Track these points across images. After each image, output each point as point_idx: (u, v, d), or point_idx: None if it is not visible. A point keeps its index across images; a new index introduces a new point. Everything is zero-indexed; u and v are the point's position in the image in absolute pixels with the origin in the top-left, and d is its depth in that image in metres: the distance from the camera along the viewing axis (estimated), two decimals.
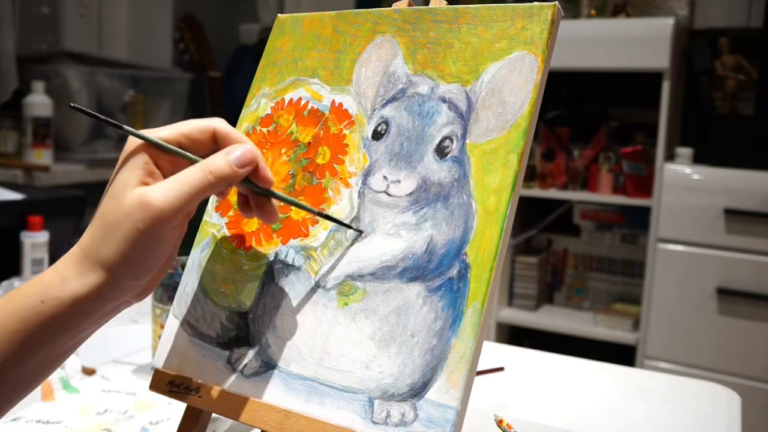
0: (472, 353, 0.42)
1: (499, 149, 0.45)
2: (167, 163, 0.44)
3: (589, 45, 1.90)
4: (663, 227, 1.82)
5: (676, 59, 1.88)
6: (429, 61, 0.50)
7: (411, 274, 0.45)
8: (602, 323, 2.02)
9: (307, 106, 0.54)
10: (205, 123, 0.45)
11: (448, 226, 0.45)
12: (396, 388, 0.43)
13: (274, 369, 0.47)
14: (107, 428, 0.66)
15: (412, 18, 0.51)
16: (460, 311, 0.43)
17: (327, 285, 0.47)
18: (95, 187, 1.68)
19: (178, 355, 0.52)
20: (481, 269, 0.43)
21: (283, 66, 0.56)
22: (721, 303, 1.75)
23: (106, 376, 0.79)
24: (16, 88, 1.84)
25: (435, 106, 0.48)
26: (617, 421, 0.74)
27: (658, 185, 1.84)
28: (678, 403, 0.80)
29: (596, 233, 2.21)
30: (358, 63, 0.52)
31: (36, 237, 1.08)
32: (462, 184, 0.45)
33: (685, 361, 1.80)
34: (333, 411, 0.44)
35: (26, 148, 1.80)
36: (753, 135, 1.81)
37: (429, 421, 0.41)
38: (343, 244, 0.48)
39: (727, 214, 1.73)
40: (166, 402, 0.72)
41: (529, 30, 0.46)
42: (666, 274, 1.82)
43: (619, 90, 2.22)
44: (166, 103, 2.25)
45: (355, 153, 0.50)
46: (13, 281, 0.94)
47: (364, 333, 0.45)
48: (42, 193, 1.36)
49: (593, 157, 2.08)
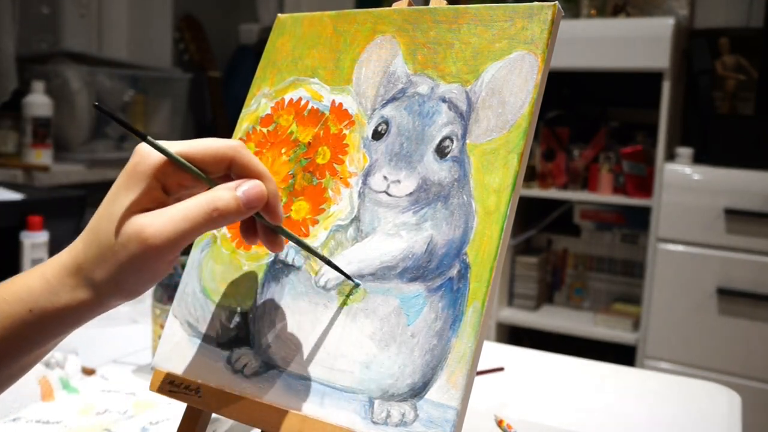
0: (472, 353, 0.41)
1: (499, 149, 0.45)
2: (175, 183, 0.41)
3: (589, 45, 1.90)
4: (663, 227, 1.82)
5: (677, 59, 1.88)
6: (429, 61, 0.49)
7: (411, 275, 0.45)
8: (602, 323, 2.02)
9: (307, 106, 0.54)
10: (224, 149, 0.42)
11: (448, 226, 0.45)
12: (396, 388, 0.43)
13: (274, 369, 0.47)
14: (107, 428, 0.66)
15: (412, 18, 0.51)
16: (460, 311, 0.43)
17: (327, 285, 0.47)
18: (95, 187, 1.67)
19: (178, 355, 0.52)
20: (481, 269, 0.43)
21: (283, 66, 0.56)
22: (721, 303, 1.75)
23: (106, 376, 0.79)
24: (16, 88, 1.84)
25: (435, 106, 0.48)
26: (617, 421, 0.74)
27: (658, 185, 1.84)
28: (678, 403, 0.80)
29: (596, 233, 2.21)
30: (358, 63, 0.52)
31: (36, 237, 1.08)
32: (462, 184, 0.45)
33: (685, 361, 1.80)
34: (333, 411, 0.44)
35: (26, 148, 1.79)
36: (753, 135, 1.81)
37: (429, 421, 0.41)
38: (343, 244, 0.48)
39: (728, 214, 1.73)
40: (166, 402, 0.72)
41: (529, 30, 0.46)
42: (666, 274, 1.82)
43: (619, 90, 2.22)
44: (166, 103, 2.25)
45: (355, 153, 0.50)
46: None
47: (365, 333, 0.45)
48: (42, 193, 1.36)
49: (593, 157, 2.08)
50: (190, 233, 0.39)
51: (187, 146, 0.42)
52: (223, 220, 0.40)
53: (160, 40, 2.35)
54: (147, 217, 0.39)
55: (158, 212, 0.39)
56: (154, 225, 0.39)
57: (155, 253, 0.39)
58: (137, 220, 0.39)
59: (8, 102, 1.83)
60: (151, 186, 0.40)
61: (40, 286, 0.41)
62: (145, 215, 0.39)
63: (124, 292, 0.41)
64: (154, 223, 0.39)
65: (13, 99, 1.83)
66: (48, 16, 2.01)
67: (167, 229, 0.39)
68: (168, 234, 0.38)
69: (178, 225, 0.39)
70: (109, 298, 0.41)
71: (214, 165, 0.42)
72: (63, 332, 0.42)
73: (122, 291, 0.40)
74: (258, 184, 0.41)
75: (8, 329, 0.40)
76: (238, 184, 0.41)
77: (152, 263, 0.39)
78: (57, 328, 0.41)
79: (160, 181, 0.41)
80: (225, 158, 0.42)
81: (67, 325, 0.42)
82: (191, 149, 0.41)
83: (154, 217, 0.39)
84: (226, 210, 0.40)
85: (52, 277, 0.41)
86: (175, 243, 0.39)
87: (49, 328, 0.41)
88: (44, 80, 1.82)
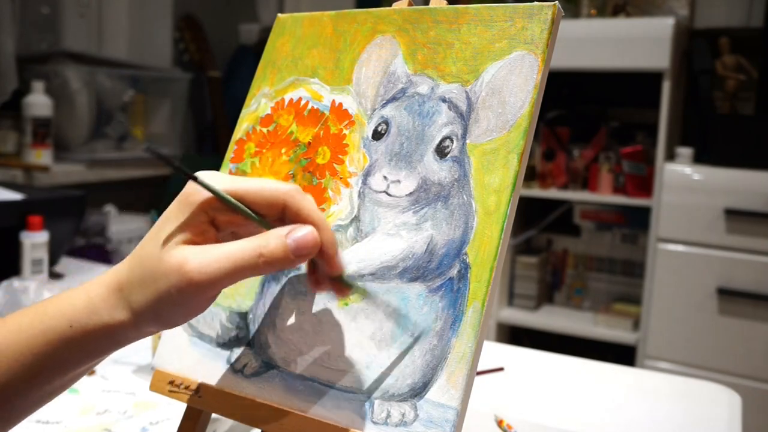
0: (472, 353, 0.41)
1: (500, 149, 0.45)
2: (225, 219, 0.40)
3: (589, 45, 1.90)
4: (663, 227, 1.82)
5: (677, 59, 1.88)
6: (429, 60, 0.49)
7: (411, 275, 0.45)
8: (602, 323, 2.02)
9: (307, 105, 0.54)
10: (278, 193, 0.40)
11: (449, 226, 0.45)
12: (396, 388, 0.43)
13: (274, 369, 0.47)
14: (107, 428, 0.66)
15: (412, 18, 0.51)
16: (460, 311, 0.43)
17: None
18: (95, 187, 1.68)
19: (178, 355, 0.52)
20: (482, 269, 0.43)
21: (283, 66, 0.56)
22: (721, 303, 1.75)
23: (106, 376, 0.79)
24: (15, 88, 1.83)
25: (435, 106, 0.48)
26: (617, 421, 0.74)
27: (658, 185, 1.84)
28: (678, 403, 0.80)
29: (596, 233, 2.21)
30: (358, 63, 0.52)
31: (36, 237, 1.08)
32: (462, 184, 0.45)
33: (685, 361, 1.80)
34: (333, 411, 0.44)
35: (26, 148, 1.79)
36: (753, 135, 1.81)
37: (429, 421, 0.41)
38: (343, 244, 0.48)
39: (728, 214, 1.73)
40: (166, 402, 0.72)
41: (529, 30, 0.46)
42: (666, 274, 1.82)
43: (619, 90, 2.22)
44: (166, 103, 2.25)
45: (355, 153, 0.50)
46: (13, 281, 0.94)
47: (365, 333, 0.45)
48: (42, 193, 1.35)
49: (593, 157, 2.08)
50: (233, 275, 0.38)
51: (240, 184, 0.40)
52: (269, 267, 0.38)
53: (160, 40, 2.35)
54: (192, 251, 0.38)
55: (204, 248, 0.39)
56: (197, 260, 0.38)
57: (194, 289, 0.38)
58: (181, 252, 0.38)
59: (8, 102, 1.83)
60: (199, 219, 0.40)
61: (82, 302, 0.40)
62: (190, 248, 0.39)
63: (161, 321, 0.40)
64: (198, 258, 0.38)
65: (13, 99, 1.83)
66: (48, 16, 2.01)
67: (210, 267, 0.38)
68: (210, 272, 0.38)
69: (221, 265, 0.38)
70: (145, 324, 0.40)
71: (267, 207, 0.41)
72: (99, 354, 0.42)
73: (159, 319, 0.40)
74: (311, 231, 0.39)
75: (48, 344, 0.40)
76: (290, 231, 0.39)
77: (190, 298, 0.38)
78: (94, 348, 0.41)
79: (209, 215, 0.40)
80: (278, 202, 0.40)
81: (104, 347, 0.41)
82: (244, 188, 0.40)
83: (199, 252, 0.38)
84: (273, 257, 0.38)
85: (95, 295, 0.41)
86: (216, 282, 0.38)
87: (86, 346, 0.40)
88: (44, 80, 1.82)
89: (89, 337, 0.40)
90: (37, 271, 1.08)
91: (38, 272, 1.08)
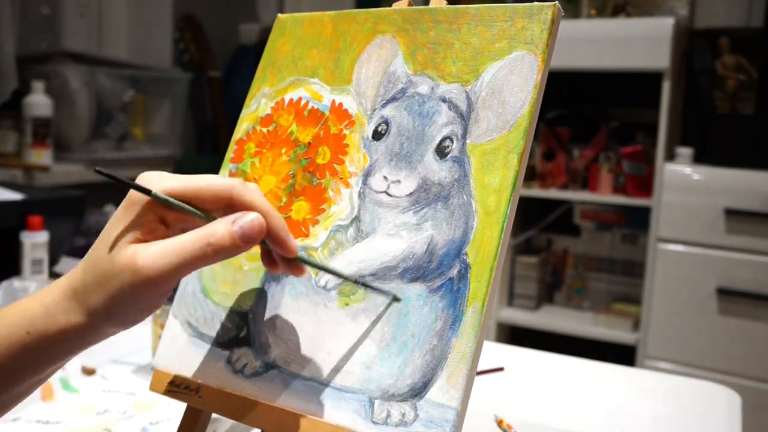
0: (472, 353, 0.41)
1: (500, 149, 0.45)
2: (173, 217, 0.41)
3: (589, 45, 1.90)
4: (663, 227, 1.82)
5: (677, 59, 1.88)
6: (429, 61, 0.49)
7: (411, 275, 0.45)
8: (602, 323, 2.02)
9: (307, 106, 0.54)
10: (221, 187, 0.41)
11: (449, 226, 0.45)
12: (396, 388, 0.43)
13: (275, 369, 0.47)
14: (107, 428, 0.66)
15: (412, 18, 0.51)
16: (460, 311, 0.43)
17: (328, 285, 0.47)
18: (95, 187, 1.68)
19: (178, 355, 0.52)
20: (482, 269, 0.43)
21: (283, 66, 0.56)
22: (721, 303, 1.75)
23: (106, 376, 0.79)
24: (16, 88, 1.84)
25: (435, 106, 0.48)
26: (617, 421, 0.74)
27: (658, 185, 1.84)
28: (678, 403, 0.80)
29: (596, 233, 2.21)
30: (358, 63, 0.52)
31: (36, 237, 1.08)
32: (462, 184, 0.45)
33: (685, 361, 1.80)
34: (333, 411, 0.44)
35: (26, 148, 1.80)
36: (753, 135, 1.81)
37: (429, 421, 0.41)
38: (343, 244, 0.48)
39: (728, 214, 1.73)
40: (166, 402, 0.72)
41: (529, 30, 0.46)
42: (666, 274, 1.82)
43: (619, 90, 2.22)
44: (166, 103, 2.25)
45: (355, 153, 0.50)
46: (13, 281, 0.94)
47: (365, 333, 0.45)
48: (42, 193, 1.36)
49: (593, 157, 2.08)
50: (184, 267, 0.39)
51: (182, 183, 0.41)
52: (217, 255, 0.39)
53: (160, 40, 2.35)
54: (141, 248, 0.39)
55: (153, 243, 0.39)
56: (148, 256, 0.38)
57: (147, 284, 0.38)
58: (131, 249, 0.39)
59: (8, 102, 1.83)
60: (147, 218, 0.40)
61: (38, 308, 0.41)
62: (140, 245, 0.39)
63: (118, 320, 0.40)
64: (148, 254, 0.38)
65: (13, 99, 1.83)
66: (48, 16, 2.01)
67: (161, 261, 0.38)
68: (160, 266, 0.38)
69: (171, 258, 0.38)
70: (102, 325, 0.41)
71: (212, 203, 0.41)
72: (59, 358, 0.42)
73: (115, 318, 0.40)
74: (256, 217, 0.40)
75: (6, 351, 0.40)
76: (236, 218, 0.40)
77: (144, 294, 0.39)
78: (53, 353, 0.41)
79: (157, 214, 0.41)
80: (224, 196, 0.41)
81: (64, 351, 0.41)
82: (186, 187, 0.41)
83: (149, 248, 0.39)
84: (221, 245, 0.39)
85: (50, 300, 0.41)
86: (167, 276, 0.38)
87: (45, 352, 0.41)
88: (44, 80, 1.82)
89: (47, 342, 0.41)
90: (37, 271, 1.08)
91: (38, 272, 1.08)
